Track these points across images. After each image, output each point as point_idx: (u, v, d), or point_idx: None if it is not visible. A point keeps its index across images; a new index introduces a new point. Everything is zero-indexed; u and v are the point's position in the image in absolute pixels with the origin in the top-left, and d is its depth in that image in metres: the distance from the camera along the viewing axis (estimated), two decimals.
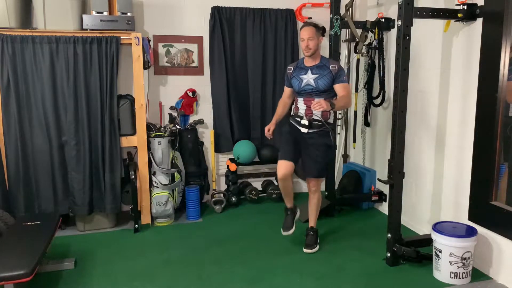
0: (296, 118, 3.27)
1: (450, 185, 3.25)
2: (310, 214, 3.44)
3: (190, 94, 4.25)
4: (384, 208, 4.12)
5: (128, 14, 3.61)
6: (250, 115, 4.51)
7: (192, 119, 4.34)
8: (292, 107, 3.38)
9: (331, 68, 3.16)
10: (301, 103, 3.25)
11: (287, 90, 3.40)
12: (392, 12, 3.87)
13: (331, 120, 3.24)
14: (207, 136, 4.42)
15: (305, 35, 3.14)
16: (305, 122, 3.19)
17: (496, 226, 2.80)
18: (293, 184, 3.46)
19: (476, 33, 2.88)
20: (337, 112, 4.40)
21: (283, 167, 3.20)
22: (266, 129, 3.36)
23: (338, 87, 3.14)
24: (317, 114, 3.17)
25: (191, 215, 3.98)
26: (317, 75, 3.16)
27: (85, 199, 3.61)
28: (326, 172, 3.43)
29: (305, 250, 3.31)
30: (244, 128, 4.49)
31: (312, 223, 3.44)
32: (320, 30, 3.19)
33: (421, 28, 3.31)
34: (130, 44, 3.63)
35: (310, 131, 3.20)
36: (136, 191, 3.68)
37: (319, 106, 2.92)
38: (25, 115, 3.46)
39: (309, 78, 3.18)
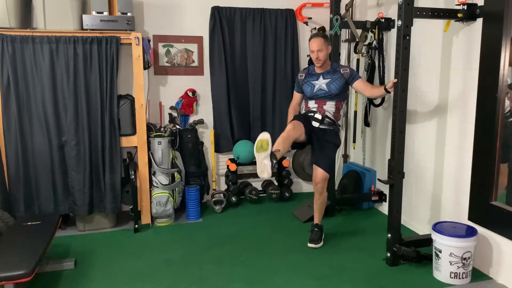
0: (309, 113, 3.35)
1: (450, 185, 3.25)
2: (315, 211, 3.47)
3: (190, 94, 4.25)
4: (384, 208, 4.11)
5: (128, 14, 3.61)
6: (250, 115, 4.50)
7: (192, 119, 4.34)
8: (301, 108, 3.46)
9: (342, 72, 3.30)
10: (312, 103, 3.35)
11: (297, 96, 3.53)
12: (392, 12, 3.86)
13: (340, 122, 3.37)
14: (207, 136, 4.41)
15: (314, 47, 3.25)
16: (318, 116, 3.30)
17: (496, 226, 2.80)
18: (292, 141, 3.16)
19: (476, 33, 2.87)
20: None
21: (295, 123, 3.14)
22: None
23: (359, 84, 3.31)
24: (329, 112, 3.28)
25: (191, 215, 3.98)
26: (328, 80, 3.28)
27: (85, 199, 3.61)
28: (332, 171, 3.46)
29: (309, 245, 3.35)
30: (244, 128, 4.48)
31: (317, 220, 3.46)
32: (328, 40, 3.30)
33: (421, 28, 3.31)
34: (130, 44, 3.63)
35: (321, 126, 3.29)
36: (136, 191, 3.68)
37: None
38: (25, 115, 3.46)
39: (321, 83, 3.29)
